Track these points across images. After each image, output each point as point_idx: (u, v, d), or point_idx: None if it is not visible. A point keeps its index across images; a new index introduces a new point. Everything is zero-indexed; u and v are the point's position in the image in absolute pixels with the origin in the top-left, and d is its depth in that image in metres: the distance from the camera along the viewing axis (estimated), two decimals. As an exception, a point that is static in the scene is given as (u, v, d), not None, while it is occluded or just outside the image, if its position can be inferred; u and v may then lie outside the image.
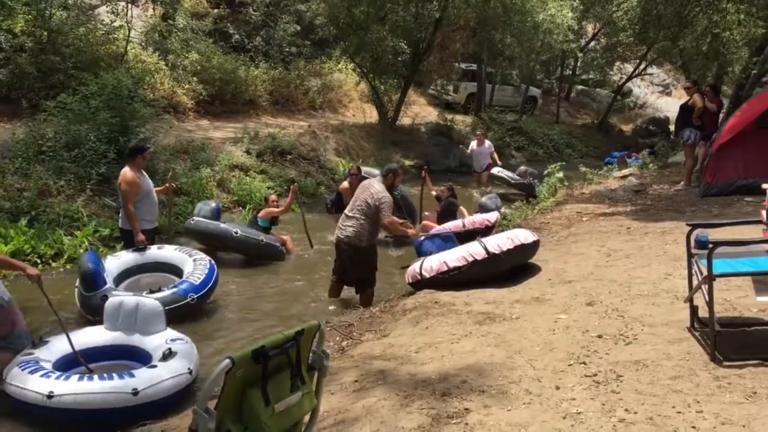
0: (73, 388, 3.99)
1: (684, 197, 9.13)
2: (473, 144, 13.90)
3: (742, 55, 16.73)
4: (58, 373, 4.16)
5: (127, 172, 6.43)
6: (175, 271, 6.40)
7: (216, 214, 8.15)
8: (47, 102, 10.00)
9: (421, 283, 5.81)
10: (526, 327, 4.31)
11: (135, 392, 4.01)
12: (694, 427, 2.83)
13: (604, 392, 3.22)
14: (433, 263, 5.76)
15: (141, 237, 6.43)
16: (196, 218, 8.05)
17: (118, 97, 9.78)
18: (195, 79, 14.85)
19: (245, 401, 2.08)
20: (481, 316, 4.66)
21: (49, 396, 3.93)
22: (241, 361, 2.02)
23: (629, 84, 27.80)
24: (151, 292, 5.82)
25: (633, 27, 18.67)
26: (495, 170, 13.62)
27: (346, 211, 6.34)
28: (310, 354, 2.36)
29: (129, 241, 6.60)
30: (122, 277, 6.25)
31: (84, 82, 10.44)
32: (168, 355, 4.40)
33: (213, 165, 11.03)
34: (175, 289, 5.87)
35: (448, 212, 9.74)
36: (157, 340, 4.66)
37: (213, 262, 6.48)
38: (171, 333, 4.81)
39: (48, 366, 4.26)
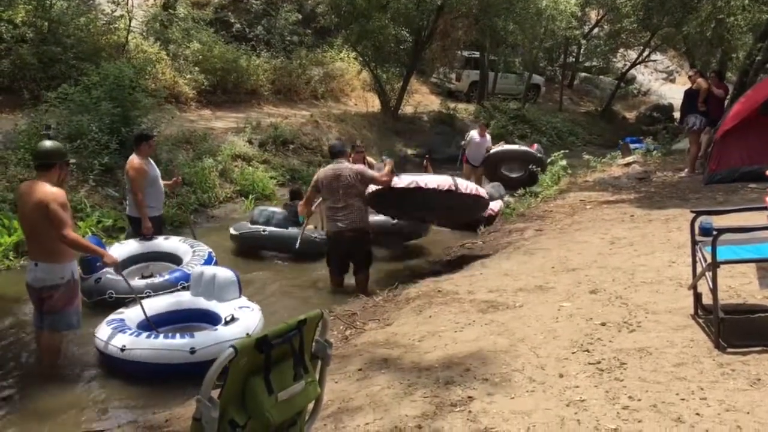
0: (142, 343, 4.57)
1: (688, 184, 9.10)
2: (474, 134, 11.96)
3: (747, 41, 16.62)
4: (133, 330, 4.73)
5: (134, 159, 6.51)
6: (176, 261, 6.49)
7: (287, 221, 7.86)
8: (49, 93, 9.99)
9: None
10: (530, 315, 4.31)
11: (192, 351, 4.50)
12: (698, 414, 2.83)
13: (608, 380, 3.22)
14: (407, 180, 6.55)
15: (149, 225, 6.52)
16: (269, 228, 7.70)
17: (119, 87, 9.76)
18: (196, 68, 14.80)
19: (248, 390, 2.07)
20: (484, 305, 4.66)
21: (122, 349, 4.54)
22: (244, 350, 2.02)
23: (633, 71, 27.66)
24: (143, 277, 6.03)
25: (636, 13, 18.55)
26: (496, 147, 12.04)
27: (331, 204, 6.33)
28: (313, 343, 2.36)
29: (134, 228, 6.68)
30: (125, 264, 6.31)
31: (85, 72, 10.43)
32: (230, 320, 4.87)
33: (215, 155, 11.02)
34: (167, 277, 6.01)
35: None
36: (228, 307, 5.13)
37: (212, 253, 6.55)
38: (242, 301, 5.29)
39: (133, 324, 4.86)
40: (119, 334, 4.68)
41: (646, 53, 25.14)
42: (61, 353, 4.74)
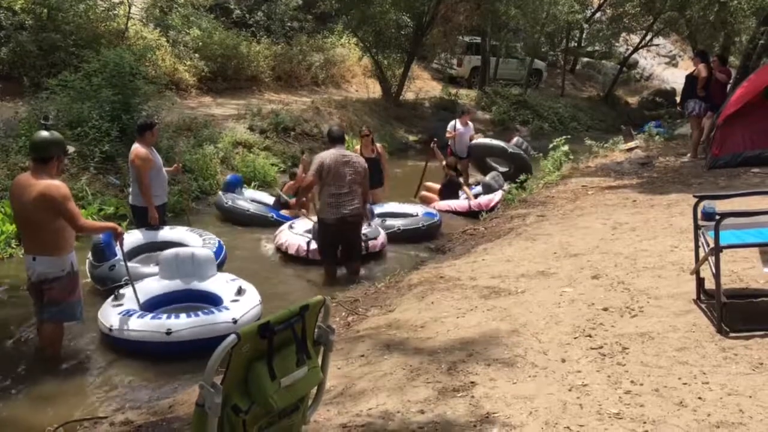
0: (188, 323, 4.66)
1: (690, 169, 9.07)
2: (457, 123, 10.99)
3: (750, 24, 16.50)
4: (169, 314, 4.82)
5: (139, 148, 6.47)
6: None
7: (226, 187, 8.79)
8: (49, 80, 9.96)
9: None
10: (532, 301, 4.31)
11: (235, 321, 4.71)
12: (700, 398, 2.83)
13: (610, 364, 3.23)
14: None
15: (155, 214, 6.51)
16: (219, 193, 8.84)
17: (120, 74, 9.72)
18: (197, 55, 14.75)
19: (251, 376, 2.08)
20: (486, 291, 4.66)
21: (168, 332, 4.58)
22: (246, 336, 2.02)
23: (635, 55, 27.48)
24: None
25: (639, -3, 18.40)
26: (475, 140, 10.95)
27: (335, 190, 6.22)
28: (316, 329, 2.36)
29: (139, 218, 6.67)
30: (133, 254, 6.36)
31: (85, 59, 10.39)
32: (241, 290, 5.12)
33: (216, 142, 10.99)
34: None
35: (450, 189, 9.75)
36: (219, 283, 5.32)
37: (221, 242, 6.58)
38: (226, 275, 5.50)
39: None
40: (154, 320, 4.69)
41: (648, 37, 24.96)
42: (62, 344, 4.74)
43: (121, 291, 5.11)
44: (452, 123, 11.16)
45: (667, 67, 30.74)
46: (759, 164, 8.31)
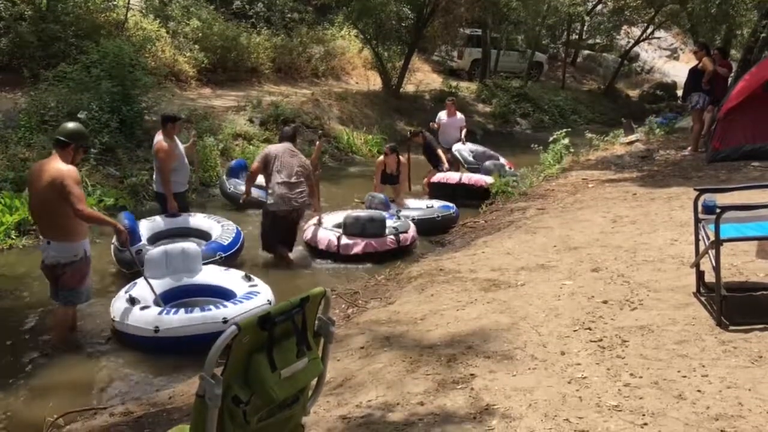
0: (237, 310, 4.78)
1: (691, 163, 9.07)
2: (442, 115, 10.99)
3: (752, 17, 16.45)
4: (214, 305, 4.92)
5: (162, 141, 6.61)
6: (204, 236, 6.69)
7: (230, 172, 9.16)
8: (47, 72, 9.93)
9: None
10: (532, 293, 4.31)
11: (269, 302, 4.96)
12: (699, 390, 2.84)
13: (610, 357, 3.23)
14: None
15: (174, 205, 6.70)
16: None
17: (119, 65, 9.71)
18: (196, 46, 14.69)
19: (252, 367, 2.08)
20: (486, 283, 4.67)
21: (224, 321, 4.61)
22: (247, 327, 2.02)
23: (636, 48, 27.43)
24: None
25: (641, -11, 18.30)
26: (456, 147, 10.56)
27: (285, 178, 6.41)
28: (316, 321, 2.36)
29: (164, 204, 6.84)
30: (154, 239, 6.47)
31: (85, 50, 10.35)
32: (249, 277, 5.33)
33: (216, 134, 10.98)
34: (204, 248, 6.13)
35: (430, 150, 9.91)
36: (215, 275, 5.47)
37: (239, 228, 6.76)
38: (214, 266, 5.68)
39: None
40: (206, 312, 4.73)
41: (649, 30, 24.89)
42: (74, 328, 4.86)
43: (133, 293, 4.98)
44: (440, 114, 11.25)
45: (668, 60, 30.68)
46: (759, 158, 8.30)
